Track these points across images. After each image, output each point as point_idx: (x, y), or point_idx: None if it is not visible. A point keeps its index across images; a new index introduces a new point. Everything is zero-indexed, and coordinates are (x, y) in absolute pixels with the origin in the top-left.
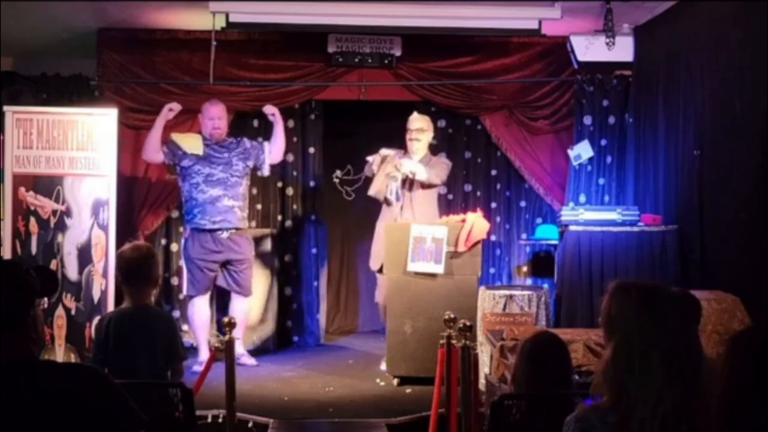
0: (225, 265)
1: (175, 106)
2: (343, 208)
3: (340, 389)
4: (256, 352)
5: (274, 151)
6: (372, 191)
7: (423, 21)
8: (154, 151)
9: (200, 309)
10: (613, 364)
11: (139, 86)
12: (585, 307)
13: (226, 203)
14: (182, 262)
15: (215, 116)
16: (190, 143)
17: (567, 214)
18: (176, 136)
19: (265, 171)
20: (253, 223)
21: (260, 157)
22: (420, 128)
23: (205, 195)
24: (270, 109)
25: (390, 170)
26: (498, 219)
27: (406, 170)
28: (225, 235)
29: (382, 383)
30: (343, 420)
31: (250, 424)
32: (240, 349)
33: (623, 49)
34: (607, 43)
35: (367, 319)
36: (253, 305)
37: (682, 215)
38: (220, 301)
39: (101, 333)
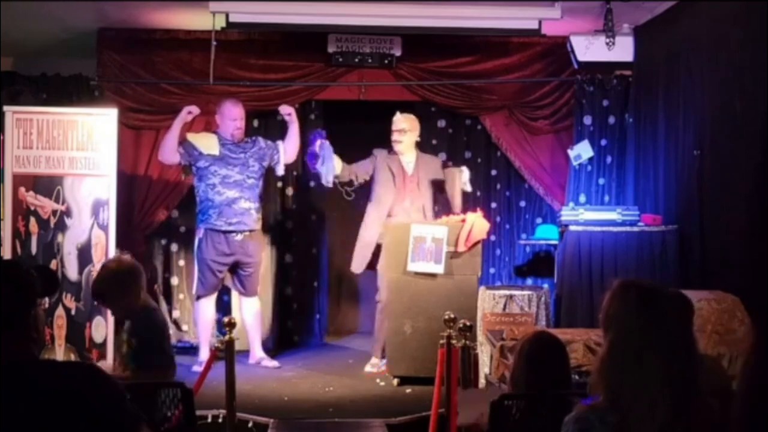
0: (233, 266)
1: (194, 109)
2: (342, 208)
3: (340, 389)
4: None
5: (289, 150)
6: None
7: (423, 21)
8: (171, 153)
9: (205, 309)
10: (609, 362)
11: (139, 86)
12: (585, 307)
13: (243, 205)
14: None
15: (238, 117)
16: (206, 143)
17: (567, 214)
18: (191, 136)
19: (280, 171)
20: None
21: (275, 157)
22: (401, 129)
23: (222, 197)
24: (286, 109)
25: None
26: (498, 219)
27: (466, 183)
28: (239, 237)
29: (382, 383)
30: (343, 420)
31: (250, 424)
32: (260, 352)
33: (623, 49)
34: (607, 43)
35: (367, 319)
36: None
37: (682, 215)
38: (220, 301)
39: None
